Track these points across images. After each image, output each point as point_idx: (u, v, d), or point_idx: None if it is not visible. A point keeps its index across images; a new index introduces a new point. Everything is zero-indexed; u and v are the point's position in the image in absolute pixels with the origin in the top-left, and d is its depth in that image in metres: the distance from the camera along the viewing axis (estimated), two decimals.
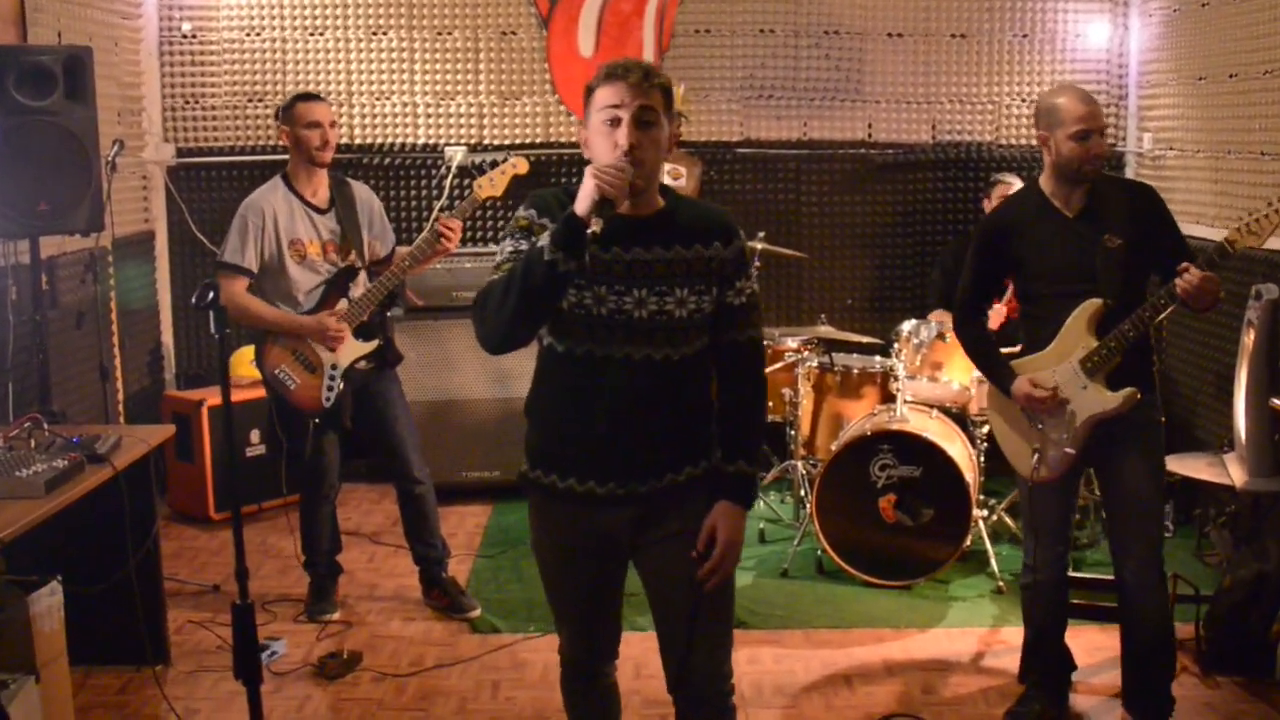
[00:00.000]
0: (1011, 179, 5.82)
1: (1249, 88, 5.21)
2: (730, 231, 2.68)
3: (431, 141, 6.43)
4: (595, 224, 2.43)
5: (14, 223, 4.43)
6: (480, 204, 4.88)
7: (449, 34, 6.38)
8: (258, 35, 6.33)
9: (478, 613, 4.63)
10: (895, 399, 5.04)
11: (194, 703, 3.97)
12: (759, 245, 5.58)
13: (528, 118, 6.44)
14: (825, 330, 5.53)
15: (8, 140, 4.34)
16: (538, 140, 6.44)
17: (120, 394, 5.74)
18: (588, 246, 2.47)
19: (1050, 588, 3.77)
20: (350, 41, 6.36)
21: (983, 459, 5.31)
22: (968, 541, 4.88)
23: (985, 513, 5.21)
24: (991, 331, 5.54)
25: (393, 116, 6.41)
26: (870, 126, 6.51)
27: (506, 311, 2.52)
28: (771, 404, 5.27)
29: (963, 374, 5.13)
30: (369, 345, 4.53)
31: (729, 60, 6.43)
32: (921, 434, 4.85)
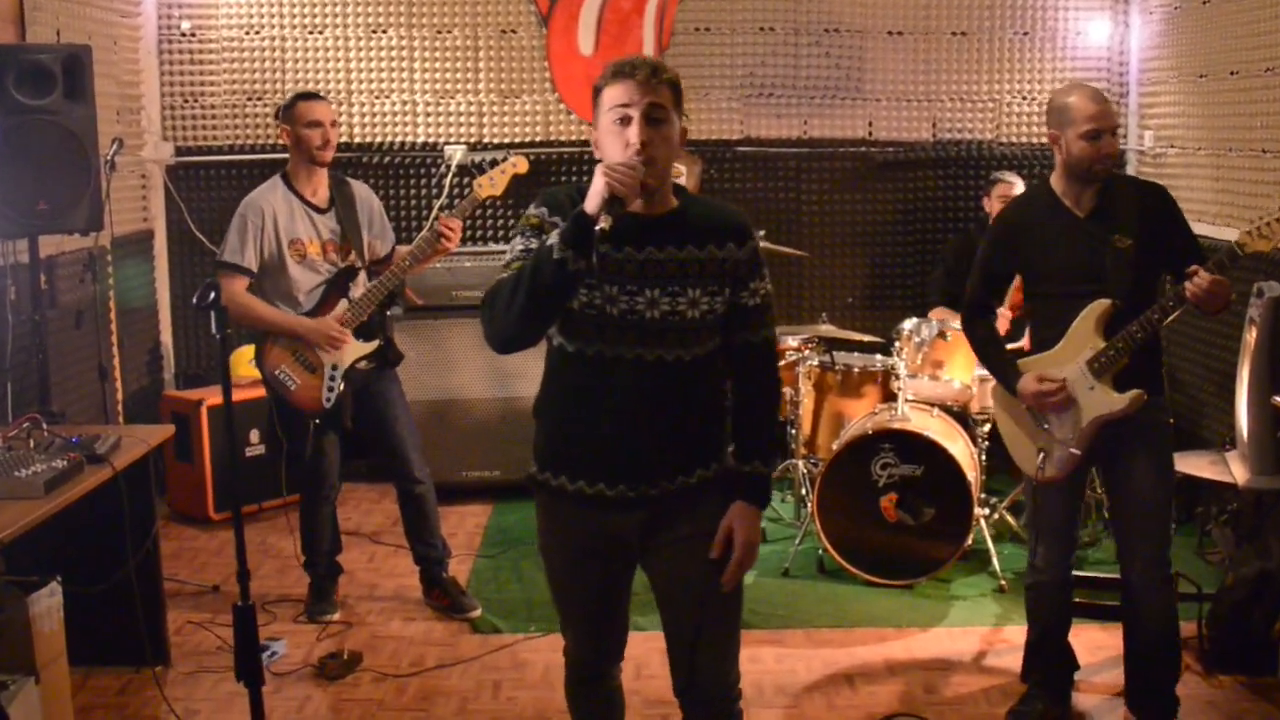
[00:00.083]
0: (1012, 177, 5.82)
1: (1250, 85, 5.20)
2: (744, 232, 2.65)
3: (431, 140, 6.42)
4: (605, 221, 2.40)
5: (13, 222, 4.42)
6: (480, 203, 4.87)
7: (448, 32, 6.37)
8: (257, 34, 6.32)
9: (478, 613, 4.62)
10: (896, 398, 5.03)
11: (194, 704, 3.96)
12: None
13: (527, 116, 6.43)
14: (826, 329, 5.51)
15: (7, 139, 4.33)
16: (538, 139, 6.43)
17: (119, 394, 5.73)
18: (597, 245, 2.43)
19: (1055, 588, 3.76)
20: (349, 40, 6.35)
21: (984, 457, 5.30)
22: (969, 540, 4.87)
23: (987, 511, 5.20)
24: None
25: (392, 115, 6.40)
26: (871, 125, 6.50)
27: (515, 310, 2.48)
28: None
29: (964, 372, 5.12)
30: (369, 345, 4.51)
31: (729, 58, 6.42)
32: (923, 433, 4.84)
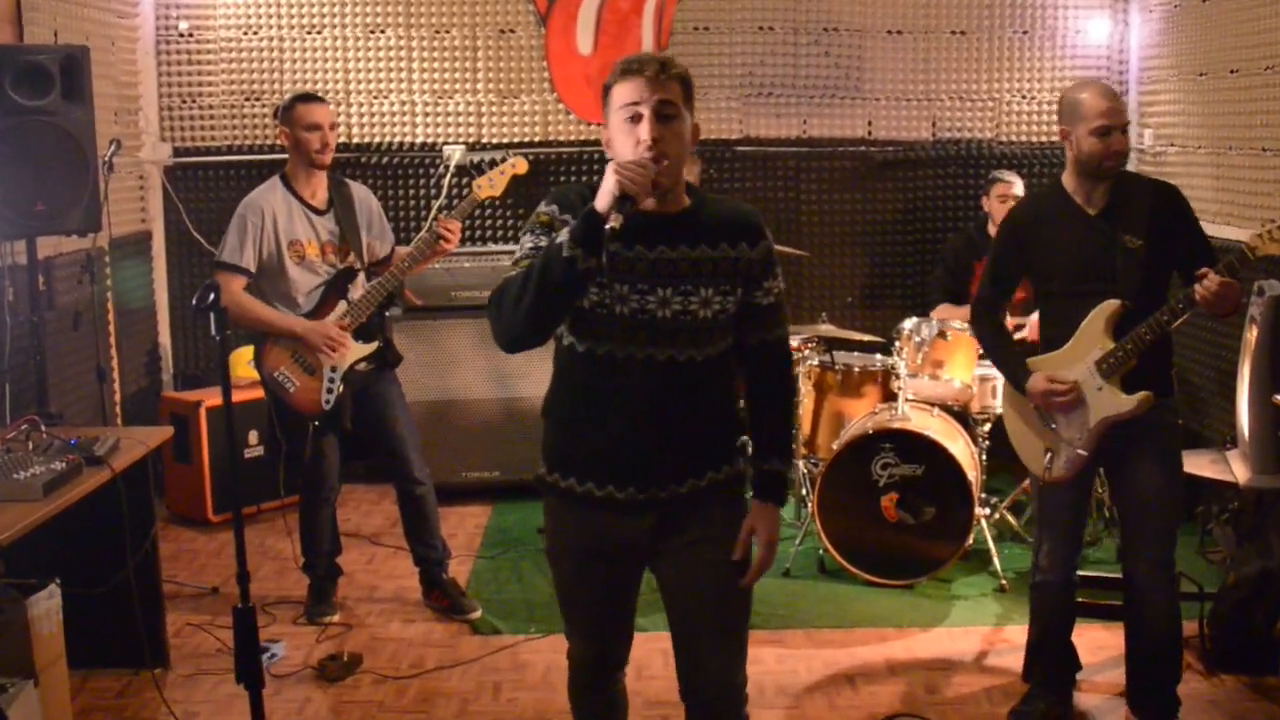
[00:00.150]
0: (1010, 177, 5.81)
1: (1250, 83, 5.20)
2: (758, 231, 2.62)
3: (430, 140, 6.41)
4: (615, 220, 2.36)
5: (10, 223, 4.41)
6: (479, 204, 4.86)
7: (447, 32, 6.36)
8: (255, 34, 6.31)
9: (478, 614, 4.62)
10: (897, 397, 5.01)
11: (193, 706, 3.95)
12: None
13: (526, 116, 6.42)
14: (826, 328, 5.50)
15: (4, 140, 4.32)
16: (536, 139, 6.42)
17: (118, 395, 5.72)
18: (607, 243, 2.39)
19: (1059, 588, 3.75)
20: (348, 40, 6.34)
21: (985, 457, 5.29)
22: (970, 540, 4.86)
23: (987, 511, 5.19)
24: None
25: (390, 115, 6.39)
26: (870, 124, 6.49)
27: (523, 309, 2.45)
28: None
29: (964, 372, 5.11)
30: (368, 347, 4.50)
31: (728, 58, 6.41)
32: (923, 432, 4.83)
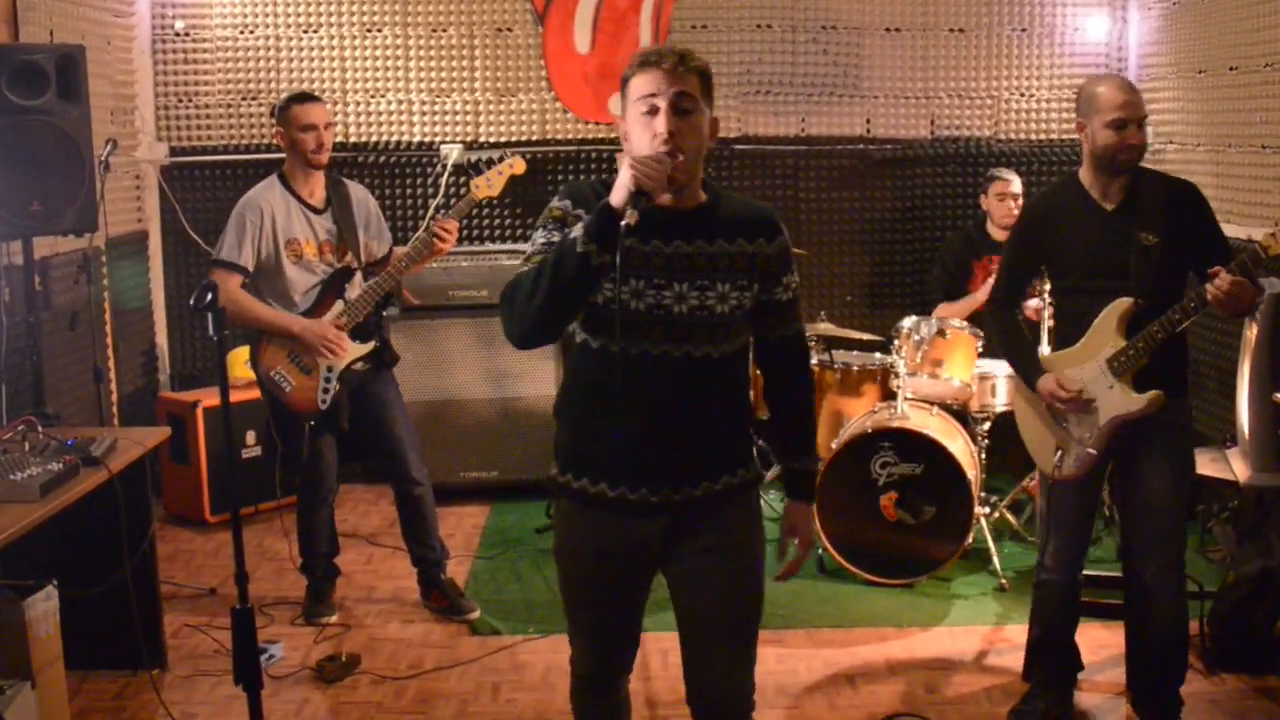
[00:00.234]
0: (1009, 175, 5.80)
1: (1249, 81, 5.19)
2: (774, 227, 2.59)
3: (427, 139, 6.40)
4: (630, 216, 2.33)
5: (7, 223, 4.40)
6: (477, 204, 4.85)
7: (444, 31, 6.34)
8: (251, 33, 6.29)
9: (477, 614, 4.60)
10: (896, 396, 5.00)
11: (191, 707, 3.94)
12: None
13: (524, 115, 6.40)
14: (825, 327, 5.50)
15: (0, 140, 4.30)
16: (534, 137, 6.41)
17: (114, 396, 5.70)
18: (622, 239, 2.35)
19: (1063, 587, 3.73)
20: (344, 39, 6.32)
21: (984, 456, 5.28)
22: (970, 539, 4.85)
23: (987, 510, 5.18)
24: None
25: (387, 114, 6.38)
26: (869, 122, 6.48)
27: (535, 304, 2.42)
28: None
29: (963, 370, 5.10)
30: (365, 347, 4.48)
31: (726, 56, 6.39)
32: (922, 431, 4.82)
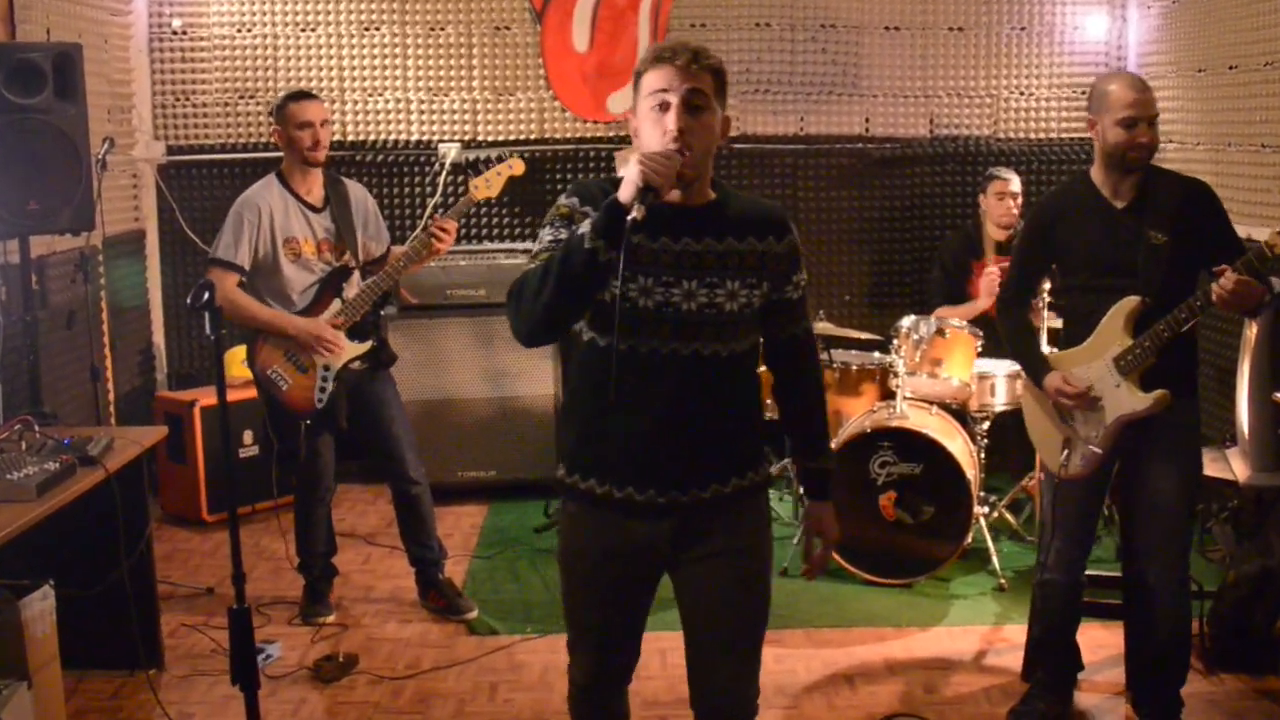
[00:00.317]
0: (1007, 174, 5.79)
1: (1249, 80, 5.18)
2: (784, 226, 2.58)
3: (425, 138, 6.38)
4: (638, 211, 2.31)
5: (3, 222, 4.38)
6: (475, 204, 4.84)
7: (442, 29, 6.33)
8: (248, 31, 6.28)
9: (475, 614, 4.60)
10: (895, 396, 4.99)
11: (188, 707, 3.93)
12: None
13: (522, 114, 6.39)
14: (823, 326, 5.48)
15: None
16: (532, 136, 6.40)
17: (111, 395, 5.69)
18: (629, 236, 2.33)
19: (1065, 588, 3.71)
20: (342, 37, 6.31)
21: (983, 455, 5.28)
22: (969, 539, 4.84)
23: (986, 510, 5.18)
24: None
25: (385, 113, 6.36)
26: (867, 121, 6.47)
27: (542, 301, 2.39)
28: (770, 401, 5.22)
29: (963, 370, 5.09)
30: (362, 346, 4.48)
31: (724, 54, 6.22)
32: (922, 431, 4.81)
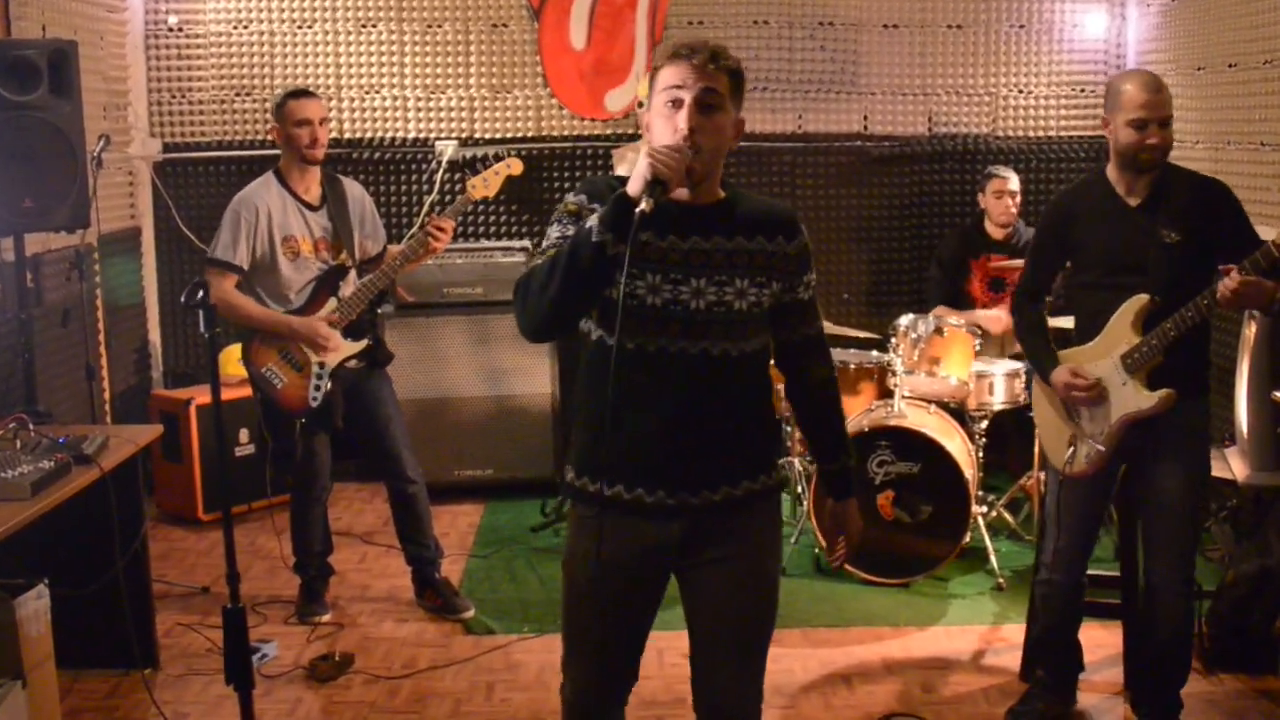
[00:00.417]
0: (1006, 172, 5.79)
1: (1248, 78, 5.17)
2: (794, 227, 2.56)
3: (422, 135, 6.37)
4: (646, 204, 2.29)
5: None
6: (473, 204, 4.83)
7: (439, 27, 6.32)
8: (245, 28, 6.26)
9: (471, 614, 4.59)
10: (893, 394, 4.99)
11: (183, 706, 3.92)
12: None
13: (519, 111, 6.38)
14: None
15: None
16: (529, 134, 6.38)
17: (107, 393, 5.67)
18: (637, 230, 2.31)
19: (1066, 588, 3.68)
20: (339, 34, 6.29)
21: (982, 454, 5.26)
22: (967, 538, 4.84)
23: (984, 509, 5.17)
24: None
25: (382, 110, 6.35)
26: (866, 119, 6.46)
27: (549, 295, 2.37)
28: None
29: (961, 368, 5.08)
30: (358, 345, 4.47)
31: None
32: (920, 430, 4.80)
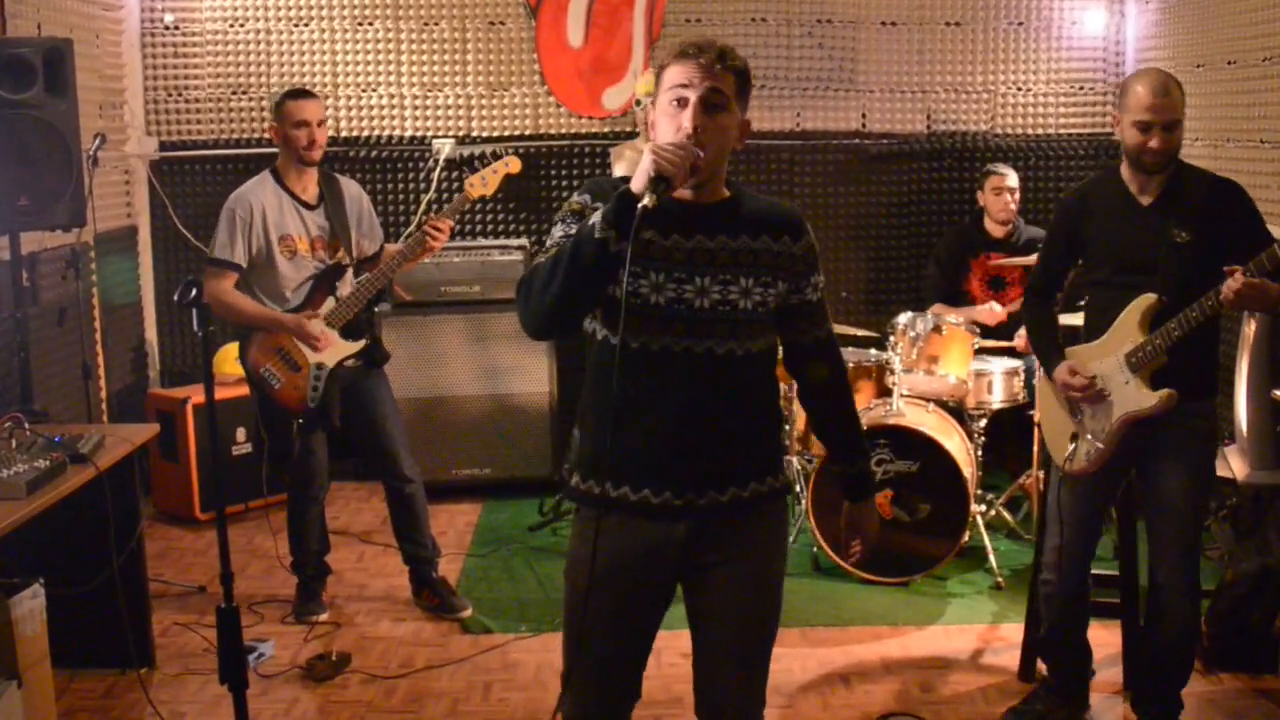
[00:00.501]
0: (1004, 169, 5.78)
1: (1248, 75, 5.16)
2: (800, 228, 2.54)
3: (419, 134, 6.35)
4: (649, 199, 2.28)
5: None
6: (471, 203, 4.82)
7: (436, 24, 6.30)
8: (241, 26, 6.24)
9: (469, 613, 4.58)
10: (891, 393, 4.98)
11: (180, 706, 3.91)
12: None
13: (516, 109, 6.36)
14: None
15: None
16: (527, 132, 6.37)
17: (103, 392, 5.66)
18: (641, 230, 2.31)
19: (1067, 588, 3.65)
20: (335, 32, 6.27)
21: (980, 453, 5.26)
22: (966, 537, 4.83)
23: (983, 508, 5.16)
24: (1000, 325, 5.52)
25: (379, 108, 6.33)
26: (864, 116, 6.44)
27: (551, 293, 2.36)
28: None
29: (959, 367, 5.07)
30: (355, 345, 4.46)
31: None
32: (918, 428, 4.79)
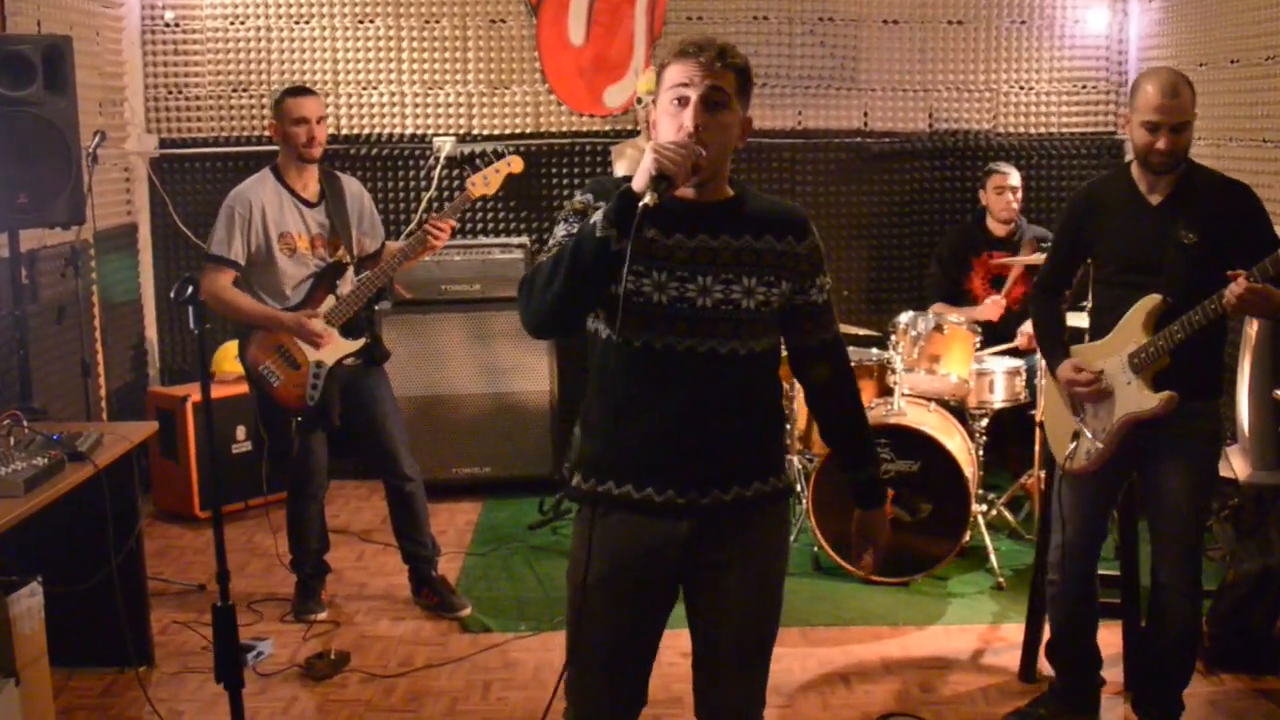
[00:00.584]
0: (1006, 168, 5.77)
1: (1250, 74, 5.16)
2: (804, 227, 2.53)
3: (419, 132, 6.34)
4: (650, 198, 2.28)
5: None
6: (472, 202, 4.82)
7: (436, 22, 6.29)
8: (242, 24, 6.23)
9: (468, 612, 4.57)
10: (893, 392, 4.97)
11: (178, 704, 3.90)
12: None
13: (517, 107, 6.35)
14: None
15: None
16: (528, 130, 6.36)
17: (103, 390, 5.65)
18: (643, 229, 2.31)
19: (1073, 589, 3.63)
20: (336, 30, 6.26)
21: (982, 453, 5.25)
22: (967, 537, 4.82)
23: (984, 508, 5.15)
24: (993, 322, 5.51)
25: (380, 106, 6.32)
26: (866, 115, 6.43)
27: (553, 291, 2.37)
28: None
29: (961, 366, 5.06)
30: (355, 343, 4.45)
31: None
32: (919, 428, 4.78)
